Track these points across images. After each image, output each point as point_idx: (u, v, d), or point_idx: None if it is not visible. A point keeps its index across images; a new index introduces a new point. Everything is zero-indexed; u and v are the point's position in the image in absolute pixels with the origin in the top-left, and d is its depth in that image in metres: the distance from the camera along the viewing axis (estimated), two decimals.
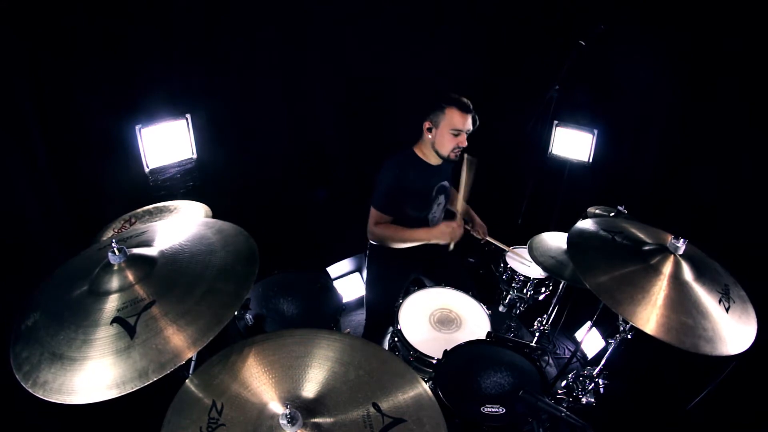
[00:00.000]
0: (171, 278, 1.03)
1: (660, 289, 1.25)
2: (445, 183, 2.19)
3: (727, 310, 1.26)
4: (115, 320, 0.93)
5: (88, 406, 0.86)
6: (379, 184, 2.01)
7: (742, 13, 2.08)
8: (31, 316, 1.00)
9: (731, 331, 1.22)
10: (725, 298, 1.29)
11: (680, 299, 1.24)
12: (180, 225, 1.27)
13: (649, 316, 1.19)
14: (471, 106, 1.95)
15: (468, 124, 1.95)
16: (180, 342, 0.92)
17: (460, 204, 2.02)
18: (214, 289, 1.03)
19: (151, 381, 0.86)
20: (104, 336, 0.92)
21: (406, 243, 2.02)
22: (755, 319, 1.28)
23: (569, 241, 1.50)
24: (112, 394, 0.85)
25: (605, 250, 1.43)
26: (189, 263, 1.08)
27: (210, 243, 1.16)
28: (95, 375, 0.88)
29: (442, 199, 2.21)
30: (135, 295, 0.98)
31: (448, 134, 1.94)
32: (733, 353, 1.18)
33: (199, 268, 1.07)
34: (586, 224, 1.57)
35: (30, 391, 0.87)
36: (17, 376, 0.90)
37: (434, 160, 2.08)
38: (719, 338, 1.18)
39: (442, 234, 1.96)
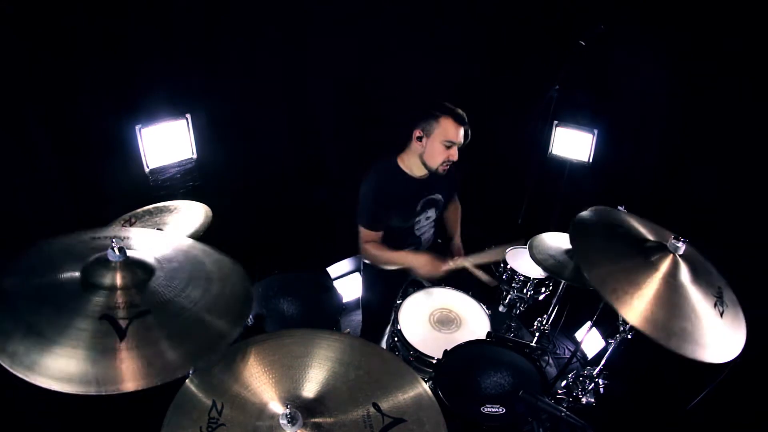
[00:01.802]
0: (166, 295, 1.01)
1: (660, 290, 1.23)
2: (436, 196, 2.08)
3: (721, 314, 1.25)
4: (105, 317, 0.91)
5: (88, 405, 0.85)
6: (362, 200, 1.95)
7: (742, 13, 2.08)
8: (5, 279, 0.96)
9: (725, 337, 1.21)
10: (720, 302, 1.28)
11: (678, 302, 1.23)
12: (179, 241, 1.24)
13: (641, 313, 1.17)
14: (466, 119, 1.84)
15: (461, 136, 1.84)
16: (168, 360, 0.89)
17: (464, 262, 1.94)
18: (204, 323, 1.00)
19: (131, 389, 0.84)
20: (90, 329, 0.89)
21: (388, 265, 2.00)
22: (744, 325, 1.27)
23: (573, 226, 1.47)
24: (89, 390, 0.82)
25: (606, 241, 1.41)
26: (186, 287, 1.05)
27: (208, 272, 1.13)
28: (73, 364, 0.84)
29: (432, 212, 2.12)
30: (129, 298, 0.96)
31: (439, 145, 1.82)
32: (725, 361, 1.16)
33: (194, 296, 1.04)
34: (590, 214, 1.55)
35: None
36: None
37: (418, 172, 1.97)
38: (715, 345, 1.17)
39: (424, 264, 1.88)
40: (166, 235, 1.32)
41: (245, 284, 1.14)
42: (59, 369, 0.84)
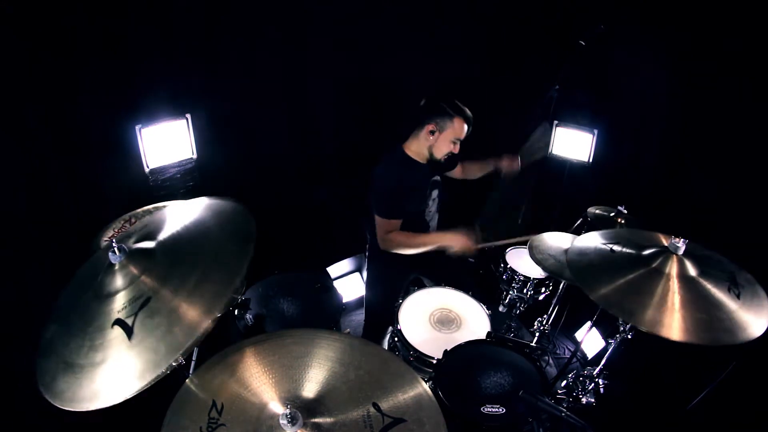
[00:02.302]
0: (167, 271, 1.02)
1: (670, 292, 1.25)
2: (436, 178, 2.20)
3: (738, 296, 1.27)
4: (116, 322, 0.93)
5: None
6: (378, 193, 1.99)
7: (742, 13, 2.08)
8: (50, 327, 1.01)
9: (747, 316, 1.22)
10: (734, 285, 1.30)
11: (690, 297, 1.24)
12: (178, 211, 1.25)
13: (667, 321, 1.19)
14: (472, 119, 1.99)
15: (465, 133, 2.00)
16: (172, 338, 0.90)
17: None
18: (209, 275, 1.00)
19: (148, 383, 0.86)
20: (107, 340, 0.92)
21: (419, 248, 2.00)
22: (767, 299, 1.28)
23: (570, 261, 1.50)
24: (118, 398, 0.85)
25: (607, 263, 1.43)
26: (184, 251, 1.07)
27: (206, 225, 1.14)
28: (100, 380, 0.88)
29: (435, 194, 2.22)
30: (133, 294, 0.97)
31: (449, 141, 1.97)
32: (753, 338, 1.17)
33: (194, 256, 1.05)
34: (583, 242, 1.58)
35: (51, 401, 0.88)
36: (41, 388, 0.91)
37: (423, 159, 2.08)
38: (737, 326, 1.18)
39: (455, 240, 1.95)
40: (168, 209, 1.33)
41: (243, 218, 1.15)
42: (92, 391, 0.87)
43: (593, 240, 1.56)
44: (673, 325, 1.18)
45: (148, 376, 0.86)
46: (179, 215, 1.22)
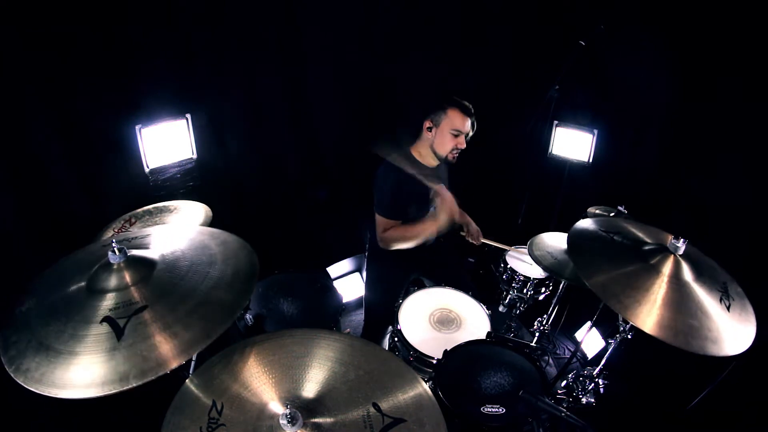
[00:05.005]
0: (167, 285, 1.02)
1: (661, 290, 1.24)
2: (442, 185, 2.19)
3: (728, 308, 1.26)
4: (105, 319, 0.93)
5: (89, 405, 0.85)
6: (380, 190, 2.00)
7: (741, 13, 2.08)
8: (27, 302, 1.00)
9: (734, 330, 1.21)
10: (725, 296, 1.29)
11: (683, 300, 1.23)
12: (183, 231, 1.26)
13: (652, 317, 1.18)
14: (472, 110, 1.99)
15: (467, 126, 1.99)
16: (166, 351, 0.90)
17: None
18: (208, 301, 1.01)
19: (131, 386, 0.85)
20: (92, 334, 0.91)
21: (418, 238, 2.00)
22: (754, 316, 1.28)
23: (569, 243, 1.49)
24: (91, 393, 0.84)
25: (606, 250, 1.42)
26: (187, 272, 1.07)
27: (212, 254, 1.14)
28: (77, 371, 0.87)
29: (438, 200, 2.21)
30: (129, 297, 0.97)
31: (448, 134, 1.97)
32: (738, 352, 1.16)
33: (197, 279, 1.06)
34: (585, 224, 1.57)
35: (12, 376, 0.87)
36: (3, 359, 0.90)
37: (430, 162, 2.09)
38: (724, 338, 1.17)
39: (445, 213, 1.96)
40: (172, 227, 1.33)
41: (250, 259, 1.15)
42: (64, 378, 0.86)
43: (594, 225, 1.55)
44: (662, 325, 1.16)
45: (133, 381, 0.85)
46: (185, 235, 1.22)
